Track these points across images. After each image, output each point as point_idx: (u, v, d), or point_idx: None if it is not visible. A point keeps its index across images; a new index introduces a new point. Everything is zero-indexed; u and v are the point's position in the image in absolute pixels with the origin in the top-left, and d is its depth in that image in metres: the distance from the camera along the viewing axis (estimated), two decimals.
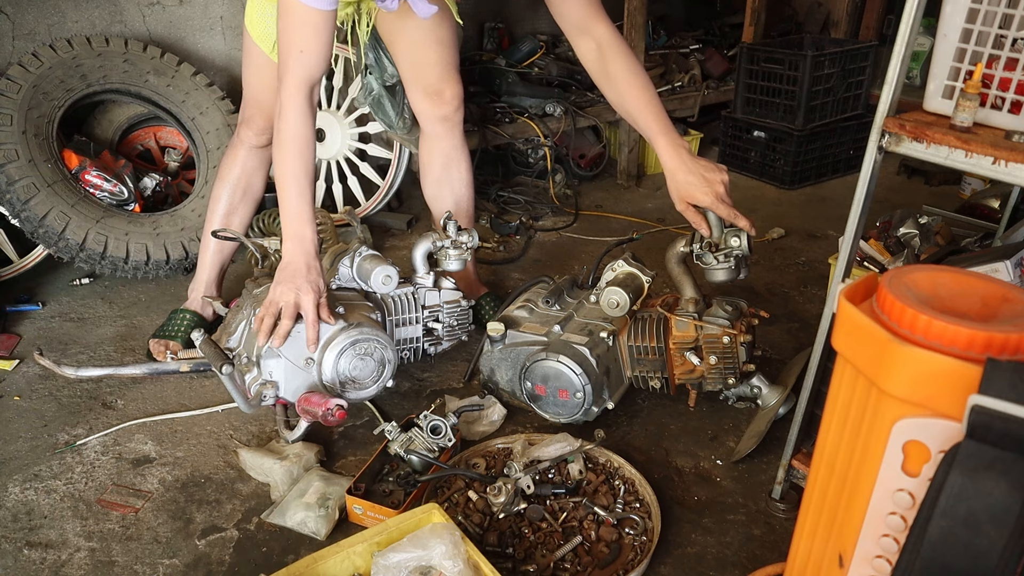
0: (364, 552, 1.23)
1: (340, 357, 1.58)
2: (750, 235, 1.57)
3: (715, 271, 1.61)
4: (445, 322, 1.87)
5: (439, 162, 2.03)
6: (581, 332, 1.64)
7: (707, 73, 3.73)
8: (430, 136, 2.02)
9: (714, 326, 1.60)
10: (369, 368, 1.63)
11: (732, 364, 1.60)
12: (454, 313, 1.88)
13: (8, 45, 2.45)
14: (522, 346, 1.66)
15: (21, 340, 2.09)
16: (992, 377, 0.67)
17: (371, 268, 1.74)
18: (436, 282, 1.86)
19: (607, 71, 1.64)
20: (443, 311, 1.86)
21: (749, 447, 1.56)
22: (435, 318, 1.86)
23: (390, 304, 1.79)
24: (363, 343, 1.61)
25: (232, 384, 1.48)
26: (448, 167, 2.04)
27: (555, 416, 1.65)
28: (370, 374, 1.64)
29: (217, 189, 2.00)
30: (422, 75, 1.93)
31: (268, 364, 1.56)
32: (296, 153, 1.54)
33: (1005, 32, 1.04)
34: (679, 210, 1.60)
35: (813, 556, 0.94)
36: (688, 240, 1.65)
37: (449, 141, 2.00)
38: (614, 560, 1.33)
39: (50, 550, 1.39)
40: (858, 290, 0.85)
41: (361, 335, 1.60)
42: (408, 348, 1.85)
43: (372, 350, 1.62)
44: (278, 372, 1.57)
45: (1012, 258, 1.50)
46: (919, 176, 3.30)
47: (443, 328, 1.86)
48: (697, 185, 1.53)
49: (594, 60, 1.66)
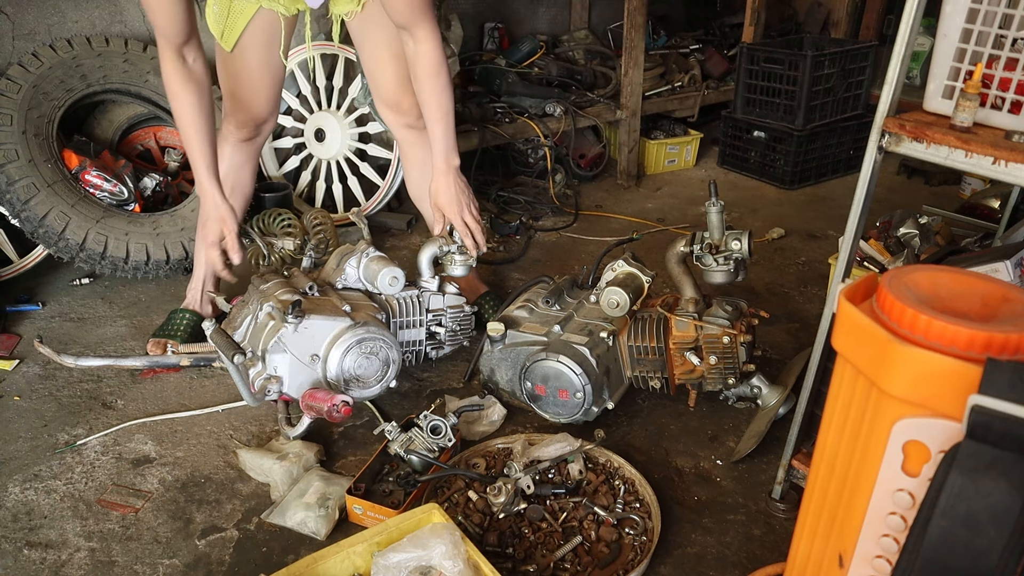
0: (364, 552, 1.23)
1: (346, 355, 1.59)
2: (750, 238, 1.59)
3: (714, 272, 1.61)
4: (448, 326, 1.87)
5: (415, 167, 2.09)
6: (581, 332, 1.64)
7: (707, 73, 3.73)
8: (401, 143, 2.09)
9: (714, 326, 1.60)
10: (374, 367, 1.64)
11: (732, 364, 1.60)
12: (457, 318, 1.89)
13: (8, 45, 2.45)
14: (522, 346, 1.66)
15: (21, 340, 2.09)
16: (992, 377, 0.67)
17: (378, 269, 1.75)
18: (440, 287, 1.87)
19: (415, 73, 1.78)
20: (446, 315, 1.87)
21: (749, 447, 1.56)
22: (438, 322, 1.86)
23: (394, 306, 1.80)
24: (369, 342, 1.61)
25: (239, 376, 1.48)
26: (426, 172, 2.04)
27: (555, 416, 1.65)
28: (374, 373, 1.65)
29: None
30: (380, 87, 1.99)
31: (273, 359, 1.57)
32: (175, 105, 1.72)
33: (1005, 32, 1.04)
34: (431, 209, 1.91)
35: (813, 556, 0.94)
36: (688, 240, 1.65)
37: (421, 147, 2.04)
38: (614, 560, 1.33)
39: (50, 550, 1.39)
40: (858, 290, 0.85)
41: (368, 334, 1.61)
42: (410, 351, 1.85)
43: (378, 349, 1.63)
44: (283, 367, 1.57)
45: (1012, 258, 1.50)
46: (919, 176, 3.30)
47: (446, 332, 1.86)
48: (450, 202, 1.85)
49: (409, 57, 1.78)
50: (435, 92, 1.78)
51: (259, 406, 1.79)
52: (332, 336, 1.59)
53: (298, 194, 2.90)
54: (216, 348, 1.59)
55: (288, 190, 2.63)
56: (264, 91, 1.89)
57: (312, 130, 2.83)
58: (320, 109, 2.82)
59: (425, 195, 2.07)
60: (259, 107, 1.91)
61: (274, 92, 1.92)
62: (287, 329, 1.56)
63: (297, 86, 2.80)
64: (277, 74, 1.90)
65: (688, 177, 3.45)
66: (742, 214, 3.00)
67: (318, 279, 1.81)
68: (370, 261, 1.79)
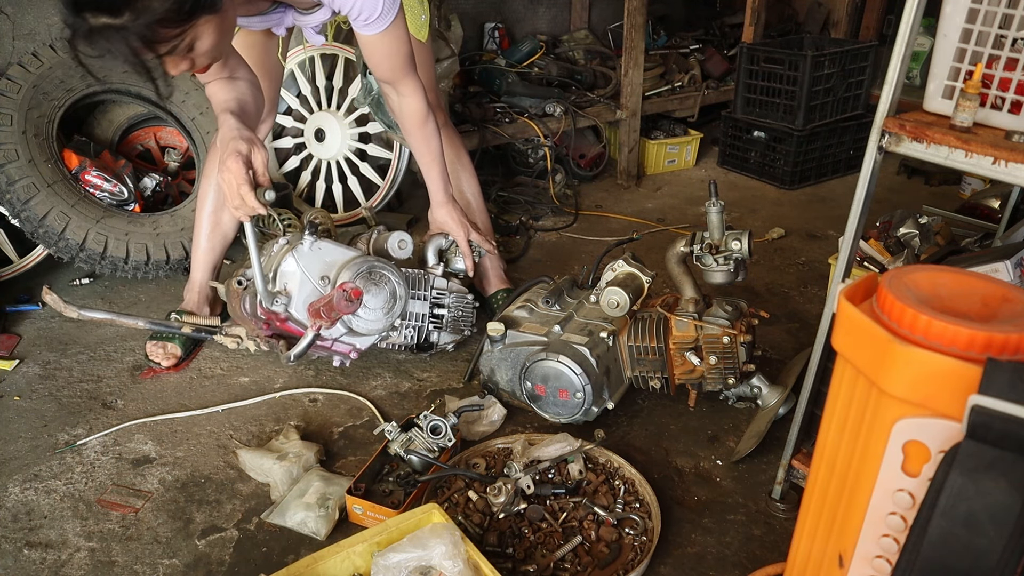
0: (364, 552, 1.23)
1: (356, 279, 1.64)
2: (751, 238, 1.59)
3: (714, 272, 1.62)
4: (451, 307, 1.90)
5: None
6: (581, 332, 1.64)
7: (707, 73, 3.73)
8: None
9: (714, 326, 1.59)
10: (382, 298, 1.70)
11: (732, 364, 1.60)
12: (459, 304, 1.92)
13: (8, 45, 2.45)
14: (522, 346, 1.66)
15: (21, 340, 2.09)
16: (992, 377, 0.67)
17: (387, 238, 1.85)
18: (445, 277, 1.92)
19: (403, 126, 1.88)
20: (449, 297, 1.90)
21: (749, 447, 1.56)
22: (441, 303, 1.90)
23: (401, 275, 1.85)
24: (379, 270, 1.69)
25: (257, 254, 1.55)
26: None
27: (555, 416, 1.65)
28: (382, 305, 1.70)
29: (203, 187, 2.01)
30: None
31: (284, 275, 1.62)
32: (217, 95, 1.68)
33: (1005, 32, 1.04)
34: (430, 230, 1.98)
35: (813, 556, 0.94)
36: (688, 240, 1.65)
37: None
38: (614, 560, 1.33)
39: (50, 550, 1.39)
40: (858, 290, 0.85)
41: (378, 263, 1.69)
42: (413, 326, 1.87)
43: (386, 280, 1.69)
44: (293, 283, 1.61)
45: (1012, 258, 1.50)
46: (919, 176, 3.30)
47: (448, 315, 1.89)
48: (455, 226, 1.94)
49: (395, 110, 1.87)
50: (424, 140, 1.87)
51: (259, 406, 1.80)
52: (344, 260, 1.66)
53: (298, 194, 2.90)
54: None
55: (288, 190, 2.63)
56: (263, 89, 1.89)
57: (312, 130, 2.83)
58: (320, 109, 2.82)
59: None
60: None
61: (272, 93, 1.93)
62: (303, 245, 1.62)
63: (297, 86, 2.80)
64: (274, 73, 1.90)
65: (688, 177, 3.45)
66: (742, 214, 3.00)
67: None
68: (379, 236, 1.89)
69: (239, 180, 1.49)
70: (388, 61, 1.73)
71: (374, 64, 1.75)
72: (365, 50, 1.72)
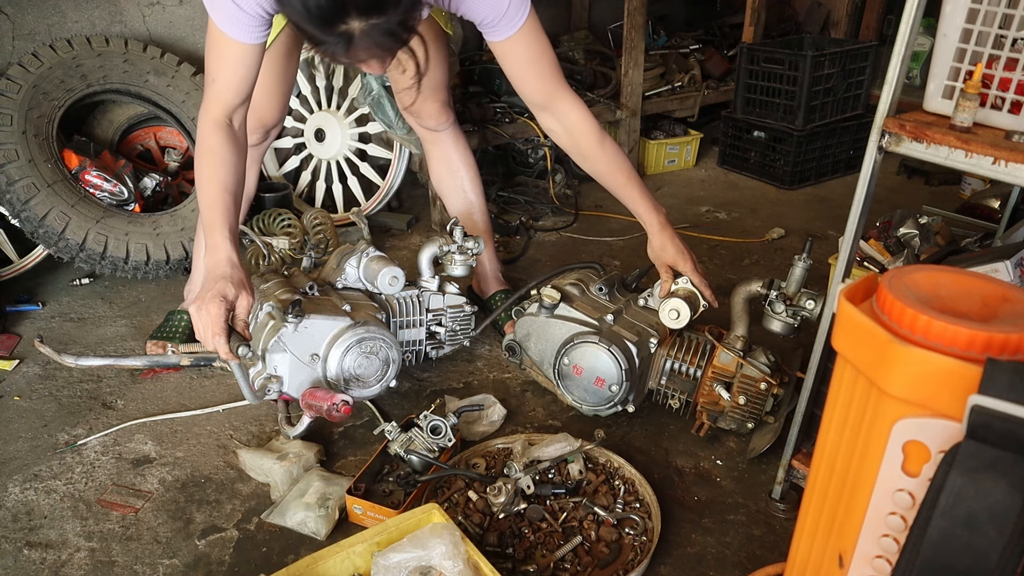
0: (364, 552, 1.23)
1: (346, 354, 1.59)
2: (824, 303, 1.53)
3: (777, 321, 1.59)
4: (448, 326, 1.87)
5: (438, 165, 2.16)
6: (631, 330, 1.64)
7: (707, 73, 3.73)
8: (424, 141, 2.16)
9: (755, 369, 1.59)
10: (374, 367, 1.64)
11: (758, 411, 1.59)
12: (457, 318, 1.88)
13: (8, 45, 2.45)
14: (571, 322, 1.65)
15: (21, 340, 2.09)
16: (992, 377, 0.67)
17: (378, 269, 1.75)
18: (440, 287, 1.86)
19: (580, 151, 1.66)
20: (446, 315, 1.87)
21: (765, 444, 1.55)
22: (438, 322, 1.86)
23: (394, 305, 1.80)
24: (369, 341, 1.61)
25: (241, 373, 1.48)
26: (451, 171, 2.14)
27: (577, 401, 1.65)
28: (374, 373, 1.65)
29: None
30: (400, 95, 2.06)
31: (273, 358, 1.57)
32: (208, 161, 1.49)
33: (1005, 32, 1.04)
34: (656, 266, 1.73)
35: (813, 556, 0.94)
36: (766, 284, 1.62)
37: (438, 146, 2.11)
38: (614, 560, 1.33)
39: (50, 550, 1.39)
40: (858, 290, 0.85)
41: (368, 333, 1.61)
42: (410, 351, 1.85)
43: (377, 349, 1.63)
44: (283, 367, 1.58)
45: (1012, 258, 1.50)
46: (919, 176, 3.30)
47: (446, 332, 1.86)
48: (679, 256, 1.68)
49: (562, 137, 1.66)
50: (608, 161, 1.63)
51: (259, 406, 1.79)
52: (332, 335, 1.59)
53: (298, 194, 2.90)
54: None
55: (288, 190, 2.63)
56: (278, 99, 1.90)
57: (312, 130, 2.83)
58: (320, 109, 2.82)
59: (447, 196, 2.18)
60: (271, 113, 1.91)
61: (286, 100, 1.94)
62: (287, 329, 1.56)
63: (297, 86, 2.80)
64: (291, 82, 1.91)
65: (688, 177, 3.45)
66: (742, 214, 3.00)
67: (318, 279, 1.81)
68: (370, 261, 1.79)
69: (215, 330, 1.37)
70: (533, 70, 1.47)
71: (519, 84, 1.51)
72: (504, 65, 1.49)
